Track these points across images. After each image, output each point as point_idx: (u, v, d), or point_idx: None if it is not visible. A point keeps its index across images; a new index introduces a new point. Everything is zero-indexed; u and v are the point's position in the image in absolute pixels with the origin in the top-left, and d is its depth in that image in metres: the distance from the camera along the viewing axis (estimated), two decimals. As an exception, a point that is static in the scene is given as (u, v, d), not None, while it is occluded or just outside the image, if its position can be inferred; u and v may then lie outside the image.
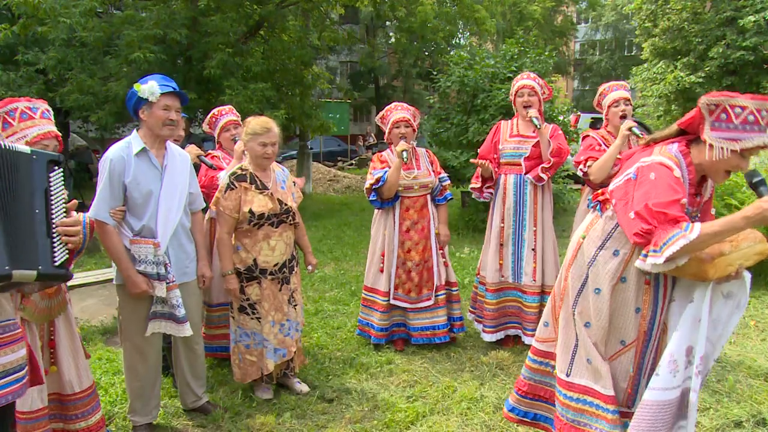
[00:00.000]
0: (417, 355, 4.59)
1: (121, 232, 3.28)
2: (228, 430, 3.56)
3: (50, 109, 2.95)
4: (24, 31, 10.53)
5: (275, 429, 3.55)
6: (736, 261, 2.43)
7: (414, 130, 4.59)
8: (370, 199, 4.56)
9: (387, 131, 4.60)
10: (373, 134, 28.79)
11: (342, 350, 4.74)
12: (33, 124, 2.80)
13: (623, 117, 4.25)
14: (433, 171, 4.66)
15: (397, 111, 4.58)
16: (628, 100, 4.34)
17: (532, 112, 4.42)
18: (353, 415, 3.68)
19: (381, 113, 4.72)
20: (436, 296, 4.64)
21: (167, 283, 3.28)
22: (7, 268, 1.90)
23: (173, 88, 3.32)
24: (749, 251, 2.43)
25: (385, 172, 4.46)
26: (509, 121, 4.76)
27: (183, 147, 4.30)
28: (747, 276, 2.48)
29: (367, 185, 4.54)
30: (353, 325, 5.27)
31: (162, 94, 3.25)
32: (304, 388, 4.02)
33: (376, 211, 4.72)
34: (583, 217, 4.34)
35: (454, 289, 4.75)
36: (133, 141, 3.31)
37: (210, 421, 3.64)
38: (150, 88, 3.22)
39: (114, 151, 3.26)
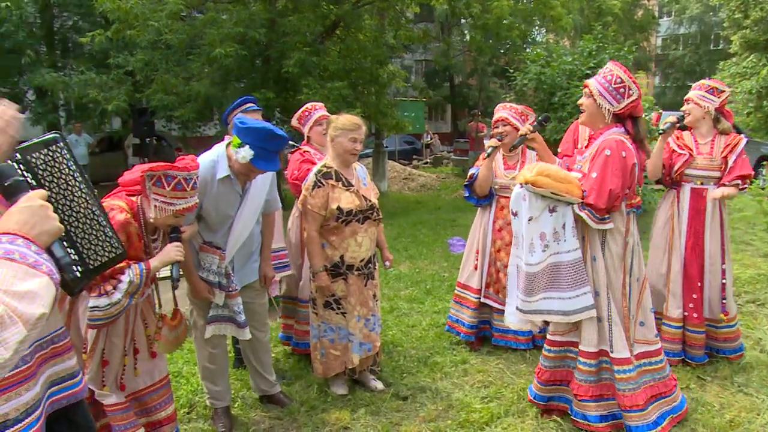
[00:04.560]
0: (492, 355, 4.54)
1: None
2: (303, 423, 3.62)
3: (198, 176, 2.92)
4: (117, 36, 11.12)
5: (350, 424, 3.59)
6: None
7: (516, 129, 4.39)
8: (465, 195, 4.65)
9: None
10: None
11: (417, 348, 4.73)
12: (183, 197, 2.78)
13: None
14: None
15: (499, 111, 4.53)
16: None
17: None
18: (427, 413, 3.67)
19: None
20: None
21: (228, 292, 3.37)
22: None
23: (274, 165, 3.23)
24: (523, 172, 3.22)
25: (479, 169, 4.46)
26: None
27: None
28: (516, 188, 3.28)
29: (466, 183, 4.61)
30: (428, 324, 5.26)
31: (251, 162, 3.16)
32: (378, 385, 4.03)
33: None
34: None
35: None
36: (219, 162, 3.30)
37: (286, 414, 3.71)
38: (244, 152, 3.13)
39: (201, 169, 3.13)
